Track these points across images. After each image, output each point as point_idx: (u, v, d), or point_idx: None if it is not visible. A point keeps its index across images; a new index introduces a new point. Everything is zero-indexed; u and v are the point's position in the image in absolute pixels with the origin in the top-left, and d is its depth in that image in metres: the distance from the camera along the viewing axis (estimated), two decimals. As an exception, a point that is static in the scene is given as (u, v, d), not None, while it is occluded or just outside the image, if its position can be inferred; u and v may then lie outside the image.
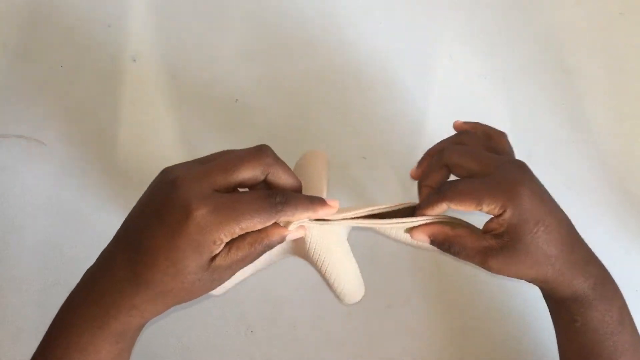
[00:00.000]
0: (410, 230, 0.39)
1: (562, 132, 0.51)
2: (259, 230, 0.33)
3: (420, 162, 0.43)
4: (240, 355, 0.50)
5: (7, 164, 0.52)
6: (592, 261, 0.39)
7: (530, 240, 0.36)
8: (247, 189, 0.35)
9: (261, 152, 0.33)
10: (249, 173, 0.33)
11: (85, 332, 0.33)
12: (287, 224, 0.34)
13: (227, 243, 0.32)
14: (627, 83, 0.51)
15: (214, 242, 0.31)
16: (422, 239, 0.39)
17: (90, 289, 0.34)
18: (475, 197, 0.36)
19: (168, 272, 0.31)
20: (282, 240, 0.34)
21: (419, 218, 0.38)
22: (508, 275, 0.38)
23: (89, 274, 0.35)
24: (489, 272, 0.37)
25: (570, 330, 0.40)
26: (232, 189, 0.33)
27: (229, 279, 0.34)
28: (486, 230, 0.37)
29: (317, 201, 0.34)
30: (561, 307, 0.40)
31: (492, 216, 0.36)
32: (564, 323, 0.41)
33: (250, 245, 0.33)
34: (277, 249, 0.39)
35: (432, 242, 0.38)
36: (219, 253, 0.32)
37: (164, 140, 0.52)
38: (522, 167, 0.38)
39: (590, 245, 0.50)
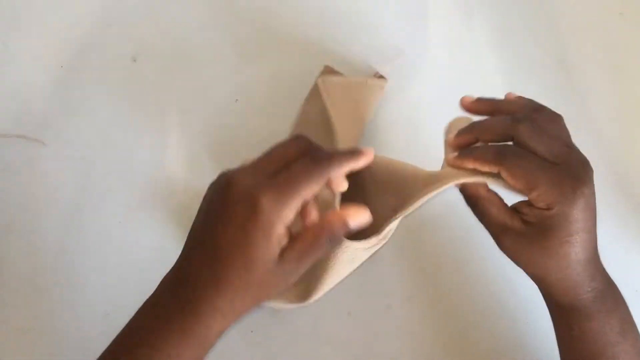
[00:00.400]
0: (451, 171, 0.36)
1: (562, 132, 0.51)
2: (320, 224, 0.34)
3: (482, 103, 0.38)
4: (240, 355, 0.50)
5: (7, 164, 0.52)
6: (598, 275, 0.38)
7: (555, 244, 0.35)
8: None
9: (300, 139, 0.34)
10: (295, 151, 0.34)
11: (169, 336, 0.33)
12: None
13: (291, 239, 0.33)
14: (627, 83, 0.51)
15: (285, 221, 0.32)
16: (455, 183, 0.37)
17: (173, 294, 0.34)
18: (532, 180, 0.33)
19: (245, 266, 0.32)
20: (343, 229, 0.34)
21: (454, 173, 0.36)
22: (511, 259, 0.37)
23: (168, 281, 0.35)
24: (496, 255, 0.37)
25: (568, 338, 0.40)
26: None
27: (300, 273, 0.34)
28: (517, 209, 0.36)
29: (357, 151, 0.34)
30: (559, 313, 0.40)
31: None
32: (562, 330, 0.40)
33: (313, 237, 0.33)
34: None
35: (461, 191, 0.38)
36: (287, 247, 0.33)
37: (164, 141, 0.52)
38: (586, 167, 0.36)
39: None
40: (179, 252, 0.51)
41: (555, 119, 0.37)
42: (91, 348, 0.49)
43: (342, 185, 0.35)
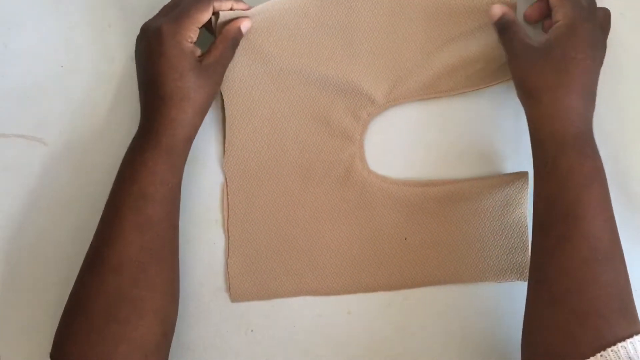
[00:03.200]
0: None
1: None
2: (220, 33, 0.46)
3: None
4: (240, 355, 0.50)
5: (7, 164, 0.52)
6: (586, 121, 0.43)
7: (558, 54, 0.42)
8: None
9: None
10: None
11: (145, 152, 0.44)
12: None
13: (207, 50, 0.46)
14: (627, 83, 0.51)
15: (187, 40, 0.44)
16: (495, 12, 0.46)
17: (144, 127, 0.46)
18: None
19: (175, 76, 0.43)
20: (239, 32, 0.47)
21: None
22: (519, 76, 0.44)
23: (138, 130, 0.46)
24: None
25: (541, 174, 0.43)
26: None
27: (224, 72, 0.47)
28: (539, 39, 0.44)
29: None
30: (539, 148, 0.43)
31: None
32: (538, 165, 0.43)
33: (221, 43, 0.46)
34: None
35: (500, 18, 0.46)
36: (203, 56, 0.46)
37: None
38: (598, 24, 0.44)
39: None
40: (179, 251, 0.51)
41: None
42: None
43: (244, 27, 0.47)
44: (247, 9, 0.48)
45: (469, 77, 0.50)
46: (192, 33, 0.44)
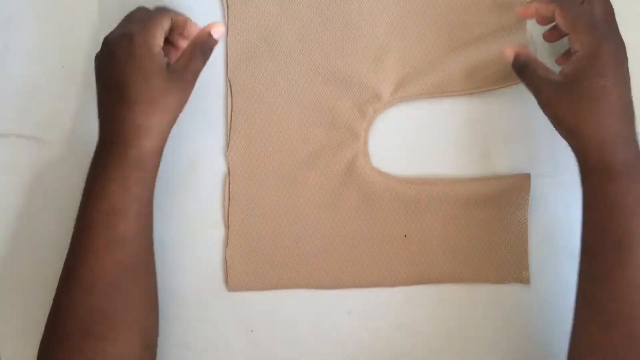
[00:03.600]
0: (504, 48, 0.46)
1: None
2: (192, 39, 0.45)
3: (531, 4, 0.45)
4: (240, 355, 0.50)
5: (8, 164, 0.52)
6: (632, 145, 0.41)
7: (589, 87, 0.40)
8: None
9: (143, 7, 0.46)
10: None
11: (113, 168, 0.42)
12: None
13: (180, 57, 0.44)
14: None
15: (156, 42, 0.43)
16: (508, 54, 0.45)
17: (108, 138, 0.44)
18: (575, 21, 0.41)
19: (139, 78, 0.42)
20: (209, 38, 0.45)
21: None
22: (550, 115, 0.43)
23: (100, 130, 0.44)
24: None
25: (590, 200, 0.42)
26: None
27: (194, 80, 0.45)
28: (560, 71, 0.42)
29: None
30: (587, 177, 0.42)
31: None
32: (587, 196, 0.42)
33: (190, 48, 0.45)
34: None
35: (516, 57, 0.44)
36: (174, 61, 0.44)
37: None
38: (618, 35, 0.42)
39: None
40: (178, 250, 0.51)
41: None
42: (91, 348, 0.49)
43: (217, 33, 0.45)
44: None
45: (485, 78, 0.50)
46: (159, 38, 0.43)
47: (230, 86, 0.51)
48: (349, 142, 0.51)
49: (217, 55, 0.52)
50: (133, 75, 0.42)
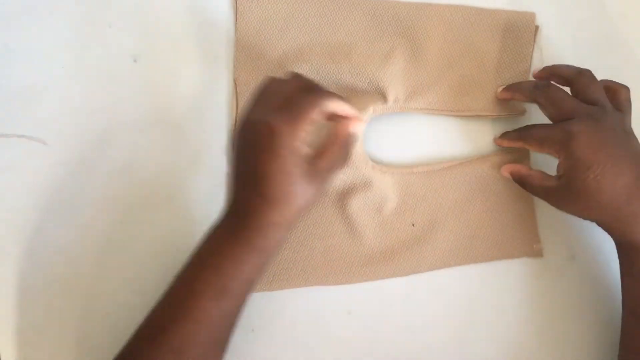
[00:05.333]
0: (500, 168, 0.50)
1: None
2: (333, 135, 0.43)
3: (510, 87, 0.49)
4: (240, 355, 0.50)
5: (8, 164, 0.52)
6: None
7: (582, 184, 0.41)
8: None
9: (298, 77, 0.43)
10: (293, 87, 0.42)
11: (235, 247, 0.41)
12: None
13: (318, 151, 0.42)
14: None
15: (302, 140, 0.39)
16: (505, 175, 0.49)
17: (238, 221, 0.41)
18: (539, 141, 0.44)
19: (285, 181, 0.39)
20: (351, 134, 0.43)
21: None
22: (567, 212, 0.44)
23: (225, 217, 0.42)
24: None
25: (629, 275, 0.43)
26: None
27: (332, 178, 0.44)
28: (557, 173, 0.44)
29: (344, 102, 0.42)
30: (622, 251, 0.44)
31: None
32: (625, 266, 0.44)
33: (336, 146, 0.42)
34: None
35: (512, 175, 0.48)
36: (316, 159, 0.41)
37: (164, 140, 0.52)
38: (595, 117, 0.42)
39: (589, 245, 0.50)
40: (178, 251, 0.51)
41: (580, 79, 0.46)
42: (91, 348, 0.49)
43: (358, 128, 0.43)
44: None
45: (489, 104, 0.51)
46: (307, 133, 0.40)
47: (236, 86, 0.52)
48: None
49: (223, 56, 0.52)
50: (275, 175, 0.39)
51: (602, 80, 0.46)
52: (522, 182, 0.47)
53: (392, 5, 0.52)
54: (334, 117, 0.43)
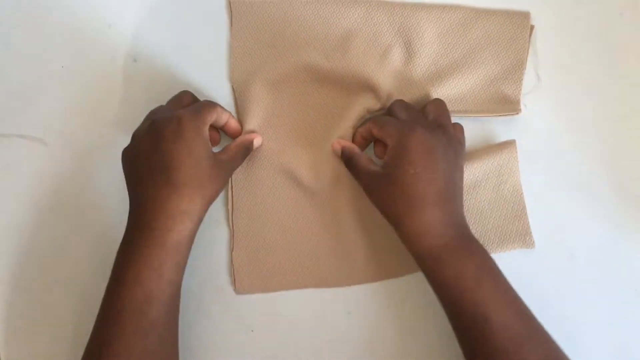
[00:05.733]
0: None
1: (562, 133, 0.51)
2: (239, 139, 0.48)
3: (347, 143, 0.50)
4: (240, 355, 0.50)
5: (8, 164, 0.52)
6: (451, 227, 0.43)
7: (401, 174, 0.43)
8: None
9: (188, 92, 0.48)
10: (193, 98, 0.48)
11: (149, 254, 0.42)
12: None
13: (221, 150, 0.46)
14: (627, 83, 0.51)
15: (206, 129, 0.44)
16: (336, 148, 0.49)
17: (146, 223, 0.42)
18: (383, 124, 0.45)
19: (188, 162, 0.42)
20: (251, 143, 0.49)
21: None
22: (376, 203, 0.45)
23: (136, 212, 0.43)
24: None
25: (436, 287, 0.44)
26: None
27: (231, 173, 0.48)
28: (383, 162, 0.45)
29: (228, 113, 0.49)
30: (420, 263, 0.44)
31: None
32: (431, 281, 0.44)
33: (236, 147, 0.47)
34: None
35: (342, 152, 0.48)
36: (218, 153, 0.45)
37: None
38: (432, 128, 0.45)
39: (590, 245, 0.50)
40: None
41: (436, 103, 0.48)
42: (91, 348, 0.49)
43: (257, 142, 0.50)
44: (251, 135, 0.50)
45: (483, 104, 0.51)
46: (207, 125, 0.44)
47: (234, 91, 0.52)
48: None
49: (223, 56, 0.52)
50: (182, 158, 0.42)
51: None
52: (349, 159, 0.47)
53: (387, 6, 0.52)
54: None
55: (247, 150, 0.49)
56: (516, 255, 0.50)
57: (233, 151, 0.47)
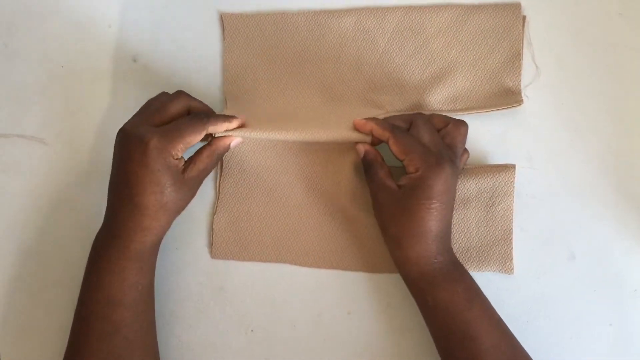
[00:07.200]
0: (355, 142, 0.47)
1: (562, 132, 0.51)
2: (209, 144, 0.46)
3: (369, 122, 0.46)
4: (240, 355, 0.50)
5: (8, 164, 0.52)
6: (445, 252, 0.45)
7: (416, 205, 0.43)
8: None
9: (180, 95, 0.46)
10: (176, 109, 0.45)
11: (111, 257, 0.43)
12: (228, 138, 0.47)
13: (190, 159, 0.45)
14: (626, 83, 0.51)
15: (174, 157, 0.43)
16: (360, 150, 0.47)
17: (111, 230, 0.44)
18: (408, 149, 0.43)
19: (156, 190, 0.42)
20: (227, 148, 0.47)
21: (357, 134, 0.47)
22: (380, 218, 0.45)
23: (105, 217, 0.45)
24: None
25: (426, 309, 0.45)
26: (167, 122, 0.44)
27: (200, 184, 0.46)
28: (399, 182, 0.44)
29: (230, 116, 0.46)
30: (415, 286, 0.45)
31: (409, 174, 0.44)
32: (421, 303, 0.45)
33: (207, 157, 0.45)
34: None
35: (364, 156, 0.47)
36: (187, 168, 0.44)
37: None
38: (453, 163, 0.44)
39: (589, 245, 0.50)
40: (178, 250, 0.52)
41: (458, 127, 0.46)
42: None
43: (234, 143, 0.47)
44: (242, 125, 0.48)
45: (482, 100, 0.51)
46: (180, 151, 0.43)
47: (226, 101, 0.52)
48: (340, 146, 0.51)
49: (216, 72, 0.52)
50: (146, 185, 0.42)
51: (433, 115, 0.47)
52: (369, 166, 0.46)
53: (378, 13, 0.52)
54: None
55: (220, 156, 0.47)
56: (516, 255, 0.50)
57: (204, 162, 0.45)
